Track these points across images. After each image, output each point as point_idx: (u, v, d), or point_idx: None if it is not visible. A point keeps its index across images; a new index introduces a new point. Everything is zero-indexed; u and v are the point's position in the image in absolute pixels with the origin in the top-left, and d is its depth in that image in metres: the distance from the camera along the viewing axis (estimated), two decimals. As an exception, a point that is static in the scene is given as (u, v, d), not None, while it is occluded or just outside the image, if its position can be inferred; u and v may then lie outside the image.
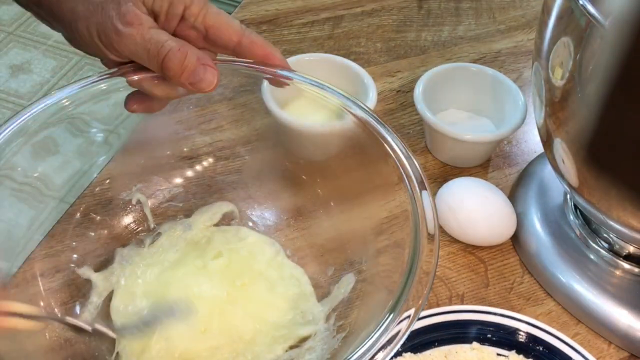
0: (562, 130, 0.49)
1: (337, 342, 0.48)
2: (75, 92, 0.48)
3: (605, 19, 0.41)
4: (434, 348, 0.50)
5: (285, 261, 0.55)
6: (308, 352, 0.49)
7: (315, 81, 0.51)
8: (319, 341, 0.49)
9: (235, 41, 0.48)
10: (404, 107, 0.71)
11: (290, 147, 0.58)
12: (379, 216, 0.49)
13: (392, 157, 0.47)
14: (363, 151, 0.50)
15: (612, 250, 0.56)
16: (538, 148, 0.67)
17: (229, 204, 0.57)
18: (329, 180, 0.55)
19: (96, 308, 0.50)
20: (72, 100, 0.48)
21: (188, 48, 0.45)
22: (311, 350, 0.49)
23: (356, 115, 0.50)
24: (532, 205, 0.60)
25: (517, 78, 0.75)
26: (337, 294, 0.51)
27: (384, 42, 0.79)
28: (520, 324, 0.51)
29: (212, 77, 0.46)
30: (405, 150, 0.47)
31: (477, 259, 0.58)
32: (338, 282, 0.52)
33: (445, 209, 0.58)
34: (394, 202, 0.47)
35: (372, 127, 0.49)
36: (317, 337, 0.50)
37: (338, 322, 0.50)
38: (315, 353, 0.48)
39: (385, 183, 0.48)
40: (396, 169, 0.47)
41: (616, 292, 0.54)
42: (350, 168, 0.53)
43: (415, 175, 0.46)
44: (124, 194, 0.55)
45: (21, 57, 1.92)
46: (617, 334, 0.53)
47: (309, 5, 0.83)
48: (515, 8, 0.85)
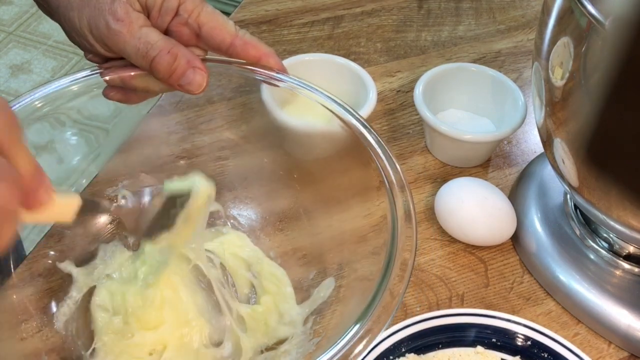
0: (562, 130, 0.49)
1: (312, 347, 0.48)
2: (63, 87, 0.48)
3: (605, 19, 0.41)
4: (438, 350, 0.50)
5: (266, 260, 0.54)
6: (283, 356, 0.48)
7: (304, 83, 0.51)
8: (295, 345, 0.49)
9: (228, 42, 0.48)
10: (404, 107, 0.71)
11: (288, 147, 0.58)
12: (359, 222, 0.49)
13: (375, 162, 0.47)
14: (348, 155, 0.50)
15: (612, 250, 0.56)
16: (538, 148, 0.67)
17: (215, 203, 0.56)
18: (314, 185, 0.55)
19: (75, 303, 0.50)
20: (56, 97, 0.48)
21: (178, 50, 0.45)
22: (286, 353, 0.48)
23: (343, 119, 0.49)
24: (532, 205, 0.60)
25: (517, 78, 0.75)
26: (317, 297, 0.51)
27: (384, 42, 0.79)
28: (526, 330, 0.51)
29: (202, 80, 0.46)
30: (389, 156, 0.47)
31: (477, 259, 0.58)
32: (319, 285, 0.52)
33: (445, 209, 0.58)
34: (374, 208, 0.47)
35: (357, 132, 0.48)
36: (293, 340, 0.49)
37: (315, 326, 0.49)
38: (290, 357, 0.48)
39: (367, 189, 0.48)
40: (378, 174, 0.46)
41: (616, 292, 0.54)
42: (335, 172, 0.53)
43: (397, 181, 0.45)
44: (110, 190, 0.55)
45: (21, 57, 1.92)
46: (617, 334, 0.53)
47: (309, 5, 0.83)
48: (515, 8, 0.85)
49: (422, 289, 0.56)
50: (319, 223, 0.54)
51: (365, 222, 0.49)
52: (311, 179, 0.55)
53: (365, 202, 0.49)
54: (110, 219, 0.54)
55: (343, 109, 0.49)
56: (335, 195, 0.53)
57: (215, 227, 0.56)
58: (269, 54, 0.49)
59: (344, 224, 0.52)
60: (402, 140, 0.68)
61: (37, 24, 2.01)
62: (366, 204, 0.49)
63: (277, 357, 0.49)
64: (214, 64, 0.50)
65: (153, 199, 0.46)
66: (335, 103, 0.50)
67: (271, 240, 0.56)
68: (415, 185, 0.63)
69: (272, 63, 0.50)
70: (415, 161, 0.66)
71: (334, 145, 0.54)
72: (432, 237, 0.59)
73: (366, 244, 0.48)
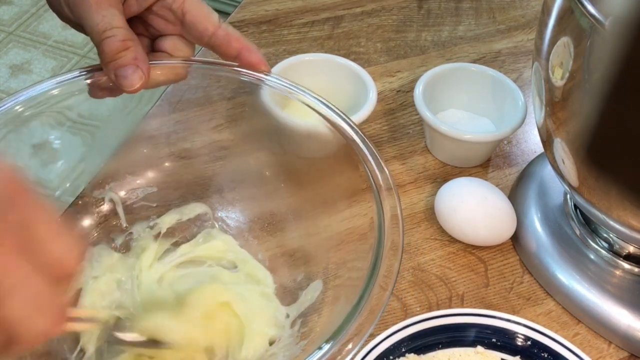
0: (562, 130, 0.49)
1: (299, 350, 0.47)
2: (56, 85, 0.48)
3: (605, 19, 0.41)
4: (438, 350, 0.50)
5: (252, 262, 0.54)
6: (271, 358, 0.48)
7: (291, 84, 0.50)
8: (282, 347, 0.49)
9: (211, 31, 0.47)
10: (404, 107, 0.71)
11: (289, 148, 0.58)
12: (345, 226, 0.49)
13: (363, 164, 0.47)
14: (336, 157, 0.50)
15: (612, 250, 0.56)
16: (538, 148, 0.67)
17: (203, 206, 0.56)
18: (303, 187, 0.55)
19: None
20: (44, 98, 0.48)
21: (133, 45, 0.45)
22: (274, 356, 0.48)
23: (332, 122, 0.49)
24: (532, 205, 0.60)
25: (517, 78, 0.75)
26: (304, 300, 0.51)
27: (384, 42, 0.79)
28: (526, 330, 0.51)
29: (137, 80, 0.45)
30: (377, 159, 0.47)
31: (477, 259, 0.58)
32: (306, 288, 0.51)
33: (445, 209, 0.58)
34: (362, 211, 0.47)
35: (346, 135, 0.48)
36: (281, 342, 0.49)
37: (302, 328, 0.49)
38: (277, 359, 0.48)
39: (354, 193, 0.48)
40: (366, 178, 0.46)
41: (616, 292, 0.54)
42: (324, 175, 0.53)
43: (385, 185, 0.45)
44: (97, 192, 0.54)
45: (21, 57, 1.92)
46: (617, 334, 0.53)
47: (309, 5, 0.83)
48: (515, 8, 0.85)
49: (422, 289, 0.56)
50: (308, 225, 0.54)
51: (353, 225, 0.48)
52: (300, 182, 0.55)
53: (353, 205, 0.49)
54: (96, 222, 0.54)
55: (333, 112, 0.49)
56: (324, 198, 0.53)
57: (204, 229, 0.56)
58: (251, 49, 0.49)
59: (327, 227, 0.52)
60: (402, 140, 0.68)
61: (37, 24, 2.01)
62: (355, 207, 0.49)
63: (264, 359, 0.48)
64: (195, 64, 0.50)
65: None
66: (325, 106, 0.49)
67: (259, 243, 0.55)
68: (415, 185, 0.63)
69: (253, 58, 0.49)
70: (415, 161, 0.66)
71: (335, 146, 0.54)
72: (432, 237, 0.59)
73: (354, 246, 0.48)
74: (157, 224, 0.55)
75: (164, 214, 0.56)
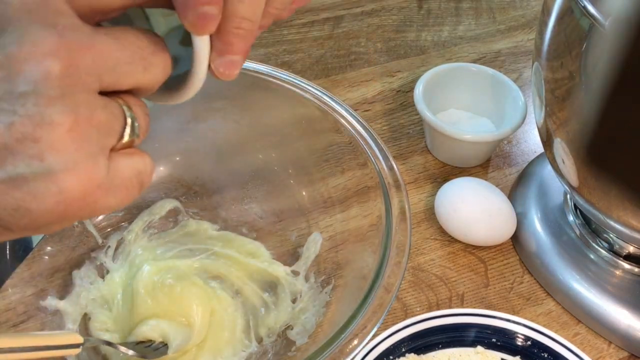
0: (562, 130, 0.49)
1: (327, 296, 0.48)
2: None
3: (605, 19, 0.41)
4: (438, 350, 0.50)
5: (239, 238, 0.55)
6: (302, 313, 0.49)
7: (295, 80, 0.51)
8: (307, 300, 0.50)
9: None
10: (404, 107, 0.71)
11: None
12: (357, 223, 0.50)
13: (372, 162, 0.47)
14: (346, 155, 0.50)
15: (612, 250, 0.56)
16: (538, 148, 0.67)
17: (173, 201, 0.56)
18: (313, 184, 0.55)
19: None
20: None
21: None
22: (304, 310, 0.49)
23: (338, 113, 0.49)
24: (532, 205, 0.60)
25: (517, 78, 0.75)
26: (308, 254, 0.52)
27: (384, 42, 0.79)
28: (526, 330, 0.51)
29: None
30: (387, 156, 0.47)
31: (477, 259, 0.58)
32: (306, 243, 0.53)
33: (445, 209, 0.58)
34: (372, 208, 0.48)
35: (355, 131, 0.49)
36: (303, 297, 0.50)
37: (319, 277, 0.50)
38: (310, 312, 0.48)
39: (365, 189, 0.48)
40: (374, 175, 0.46)
41: (616, 292, 0.54)
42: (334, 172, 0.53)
43: (394, 182, 0.46)
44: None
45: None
46: (617, 334, 0.53)
47: (309, 5, 0.83)
48: (515, 8, 0.85)
49: (422, 289, 0.56)
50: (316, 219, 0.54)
51: (364, 222, 0.49)
52: (310, 179, 0.55)
53: (363, 203, 0.49)
54: (72, 246, 0.52)
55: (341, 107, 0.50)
56: (333, 195, 0.53)
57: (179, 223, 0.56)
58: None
59: (342, 223, 0.52)
60: (402, 140, 0.68)
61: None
62: (364, 205, 0.49)
63: (295, 317, 0.49)
64: None
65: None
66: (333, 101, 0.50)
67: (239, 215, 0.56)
68: (415, 185, 0.63)
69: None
70: (415, 161, 0.66)
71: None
72: (432, 237, 0.59)
73: (363, 243, 0.48)
74: (131, 230, 0.54)
75: (134, 218, 0.55)
